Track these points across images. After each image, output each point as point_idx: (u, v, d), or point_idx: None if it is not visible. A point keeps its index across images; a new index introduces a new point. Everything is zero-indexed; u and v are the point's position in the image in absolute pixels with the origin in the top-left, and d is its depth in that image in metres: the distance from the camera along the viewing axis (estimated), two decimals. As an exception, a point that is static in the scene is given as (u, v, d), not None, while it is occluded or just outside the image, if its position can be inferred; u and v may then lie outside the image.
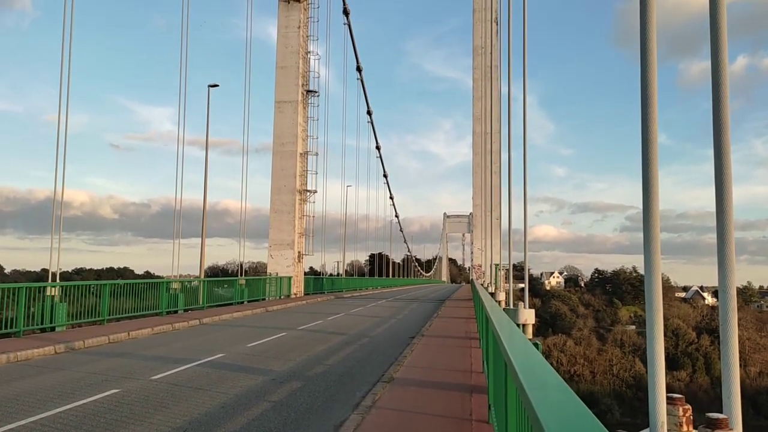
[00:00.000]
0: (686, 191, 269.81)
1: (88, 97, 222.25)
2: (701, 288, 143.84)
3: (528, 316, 11.27)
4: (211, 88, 32.93)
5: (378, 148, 72.33)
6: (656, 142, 3.90)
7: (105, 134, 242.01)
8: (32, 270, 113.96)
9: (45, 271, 21.41)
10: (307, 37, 43.55)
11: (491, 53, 39.91)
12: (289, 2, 42.46)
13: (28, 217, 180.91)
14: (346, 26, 49.74)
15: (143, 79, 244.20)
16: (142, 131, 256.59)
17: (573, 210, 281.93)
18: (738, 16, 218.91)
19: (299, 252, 42.30)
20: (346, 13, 48.56)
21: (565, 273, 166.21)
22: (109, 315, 20.02)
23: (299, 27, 42.29)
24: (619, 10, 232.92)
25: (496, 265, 33.68)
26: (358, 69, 55.53)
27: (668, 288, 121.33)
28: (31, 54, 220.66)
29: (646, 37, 3.92)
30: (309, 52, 43.83)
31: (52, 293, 17.53)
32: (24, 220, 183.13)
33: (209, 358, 13.72)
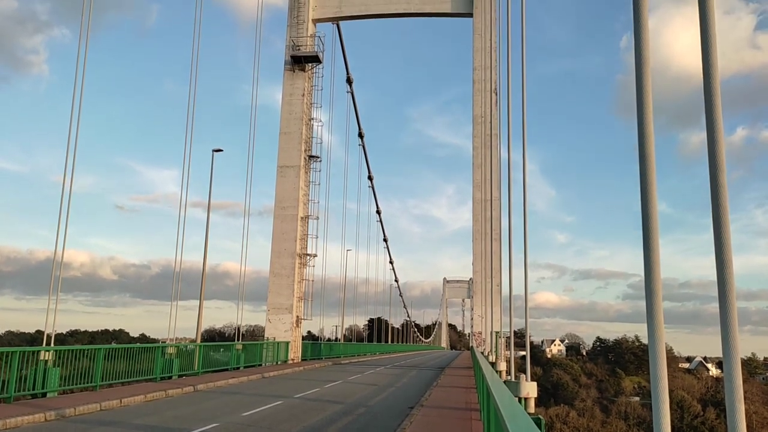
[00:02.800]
0: (688, 260, 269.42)
1: (96, 159, 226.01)
2: (705, 359, 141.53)
3: (530, 389, 11.04)
4: (215, 153, 33.47)
5: (378, 212, 72.87)
6: (656, 211, 3.93)
7: (110, 195, 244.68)
8: (26, 331, 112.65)
9: (39, 332, 21.18)
10: (311, 104, 44.57)
11: (491, 122, 40.74)
12: (294, 71, 43.69)
13: (27, 277, 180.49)
14: (349, 94, 51.18)
15: (151, 141, 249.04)
16: (147, 193, 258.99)
17: (575, 277, 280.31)
18: (737, 89, 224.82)
19: (298, 316, 41.87)
20: (349, 81, 50.02)
21: (567, 341, 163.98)
22: (102, 380, 19.61)
23: (303, 95, 43.35)
24: (619, 81, 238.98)
25: (497, 332, 33.24)
26: (360, 135, 56.68)
27: (672, 358, 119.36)
28: (43, 116, 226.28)
29: (643, 108, 4.02)
30: (312, 118, 44.77)
31: (46, 357, 17.22)
32: (22, 281, 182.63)
33: (202, 429, 13.35)
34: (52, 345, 19.11)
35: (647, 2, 4.09)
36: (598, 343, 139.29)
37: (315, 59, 43.74)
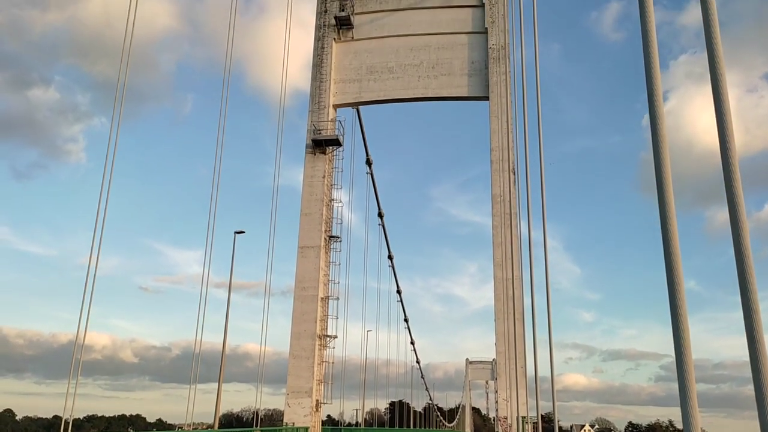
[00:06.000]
0: (721, 339, 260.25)
1: (122, 241, 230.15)
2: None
3: (561, 477, 10.51)
4: (236, 234, 33.91)
5: (399, 292, 72.44)
6: (683, 287, 3.86)
7: (134, 276, 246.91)
8: (44, 417, 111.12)
9: (57, 417, 20.86)
10: (331, 185, 45.33)
11: (510, 201, 40.95)
12: (315, 154, 44.75)
13: (49, 360, 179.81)
14: (369, 175, 52.21)
15: (176, 223, 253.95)
16: (171, 274, 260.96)
17: (604, 357, 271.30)
18: (764, 166, 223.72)
19: (317, 400, 40.83)
20: (368, 163, 51.12)
21: (597, 426, 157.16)
22: (118, 468, 19.11)
23: (324, 176, 44.16)
24: (643, 159, 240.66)
25: (523, 417, 32.05)
26: (380, 215, 57.31)
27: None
28: (76, 202, 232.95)
29: (663, 186, 4.03)
30: (332, 199, 45.41)
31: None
32: (43, 365, 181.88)
33: None
34: None
35: (660, 85, 4.20)
36: (630, 428, 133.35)
37: (335, 142, 44.87)
